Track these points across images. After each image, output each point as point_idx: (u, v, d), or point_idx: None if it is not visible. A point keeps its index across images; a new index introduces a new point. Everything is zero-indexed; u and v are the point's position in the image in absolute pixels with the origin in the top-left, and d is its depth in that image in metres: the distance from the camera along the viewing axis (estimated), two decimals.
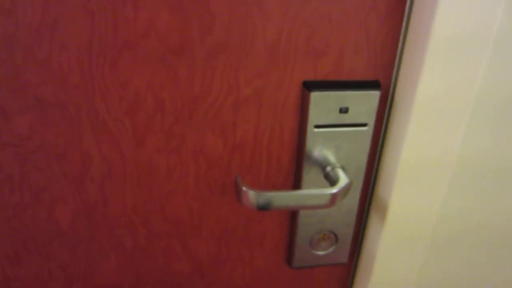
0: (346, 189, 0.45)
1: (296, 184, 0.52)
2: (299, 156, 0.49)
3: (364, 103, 0.46)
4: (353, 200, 0.53)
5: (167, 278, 0.58)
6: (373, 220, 0.56)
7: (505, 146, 0.50)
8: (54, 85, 0.42)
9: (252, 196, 0.42)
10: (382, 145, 0.51)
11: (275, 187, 0.52)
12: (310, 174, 0.50)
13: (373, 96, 0.46)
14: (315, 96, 0.44)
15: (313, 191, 0.43)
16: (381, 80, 0.47)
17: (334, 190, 0.43)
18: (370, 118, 0.47)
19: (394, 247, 0.55)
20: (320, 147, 0.48)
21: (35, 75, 0.41)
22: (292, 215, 0.55)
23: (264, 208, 0.42)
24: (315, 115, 0.45)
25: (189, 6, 0.40)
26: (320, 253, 0.58)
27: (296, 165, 0.51)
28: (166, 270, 0.58)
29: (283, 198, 0.42)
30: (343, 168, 0.48)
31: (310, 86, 0.45)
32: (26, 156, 0.46)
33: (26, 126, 0.44)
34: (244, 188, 0.42)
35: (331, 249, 0.58)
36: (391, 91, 0.48)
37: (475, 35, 0.41)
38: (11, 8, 0.38)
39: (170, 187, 0.50)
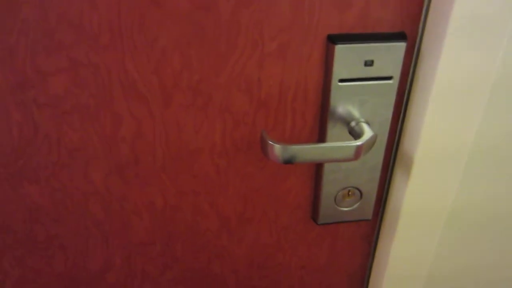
0: (371, 142, 0.46)
1: (321, 140, 0.52)
2: (324, 111, 0.50)
3: (389, 56, 0.46)
4: (377, 156, 0.54)
5: (196, 236, 0.61)
6: (397, 177, 0.56)
7: None
8: (86, 46, 0.43)
9: (277, 149, 0.43)
10: (408, 99, 0.51)
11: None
12: (334, 129, 0.50)
13: (399, 48, 0.45)
14: (340, 49, 0.44)
15: (338, 144, 0.44)
16: (408, 32, 0.47)
17: (359, 142, 0.44)
18: (396, 71, 0.47)
19: (418, 204, 0.56)
20: (345, 102, 0.48)
21: (68, 36, 0.43)
22: (316, 171, 0.56)
23: (289, 161, 0.44)
24: (339, 68, 0.46)
25: None
26: (345, 209, 0.59)
27: (320, 121, 0.51)
28: (195, 228, 0.60)
29: (308, 150, 0.43)
30: (367, 123, 0.49)
31: (335, 39, 0.45)
32: (62, 116, 0.48)
33: (61, 86, 0.46)
34: (270, 142, 0.43)
35: (355, 205, 0.59)
36: (417, 43, 0.47)
37: None
38: None
39: (197, 144, 0.52)
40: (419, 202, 0.56)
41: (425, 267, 0.63)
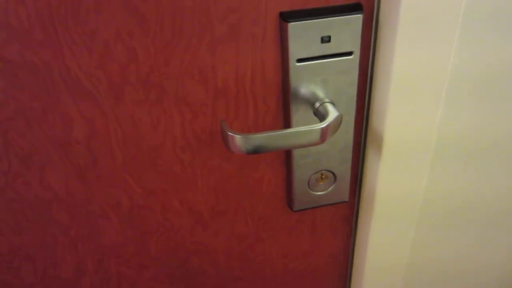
0: (337, 123, 0.43)
1: (287, 125, 0.50)
2: (285, 94, 0.47)
3: (347, 30, 0.43)
4: (347, 135, 0.51)
5: (169, 233, 0.59)
6: (370, 154, 0.54)
7: None
8: (19, 44, 0.40)
9: (239, 140, 0.41)
10: (372, 74, 0.48)
11: (265, 130, 0.51)
12: (299, 113, 0.48)
13: (356, 20, 0.43)
14: (293, 27, 0.42)
15: (301, 128, 0.41)
16: (364, 3, 0.44)
17: (323, 124, 0.42)
18: (355, 46, 0.44)
19: (393, 178, 0.54)
20: (306, 83, 0.46)
21: None
22: (286, 158, 0.54)
23: (253, 151, 0.41)
24: (296, 48, 0.43)
25: None
26: (320, 193, 0.57)
27: (284, 104, 0.49)
28: (167, 225, 0.58)
29: (271, 138, 0.41)
30: (332, 103, 0.47)
31: (287, 16, 0.42)
32: (6, 122, 0.45)
33: (0, 91, 0.43)
34: (229, 133, 0.41)
35: (330, 188, 0.57)
36: (375, 13, 0.45)
37: None
38: None
39: (157, 140, 0.49)
40: (393, 183, 0.54)
41: (405, 247, 0.62)
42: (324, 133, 0.42)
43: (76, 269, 0.60)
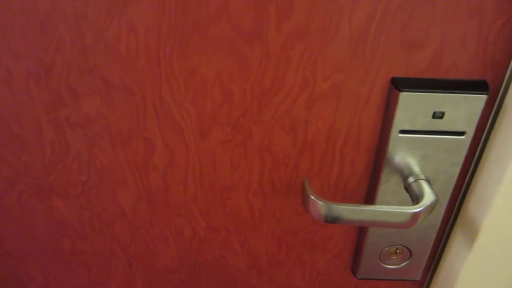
0: (431, 208, 0.39)
1: (371, 193, 0.46)
2: (378, 162, 0.43)
3: (464, 108, 0.38)
4: (435, 216, 0.46)
5: (223, 270, 0.57)
6: (457, 240, 0.48)
7: None
8: (121, 69, 0.40)
9: (321, 207, 0.38)
10: (479, 158, 0.43)
11: (345, 193, 0.47)
12: (388, 183, 0.44)
13: (478, 100, 0.38)
14: (405, 97, 0.38)
15: (391, 208, 0.37)
16: (490, 81, 0.39)
17: (416, 209, 0.37)
18: (470, 127, 0.39)
19: (480, 273, 0.48)
20: (404, 155, 0.41)
21: (104, 57, 0.40)
22: None
23: (332, 221, 0.38)
24: (402, 118, 0.39)
25: None
26: (390, 267, 0.52)
27: (372, 172, 0.45)
28: (223, 262, 0.56)
29: (355, 213, 0.37)
30: (428, 181, 0.42)
31: (400, 84, 0.38)
32: (93, 137, 0.45)
33: (94, 108, 0.43)
34: (312, 197, 0.38)
35: (403, 264, 0.52)
36: (500, 94, 0.40)
37: None
38: None
39: (233, 181, 0.47)
40: (480, 274, 0.47)
41: None
42: (414, 218, 0.38)
43: (126, 283, 0.60)
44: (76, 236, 0.55)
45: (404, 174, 0.43)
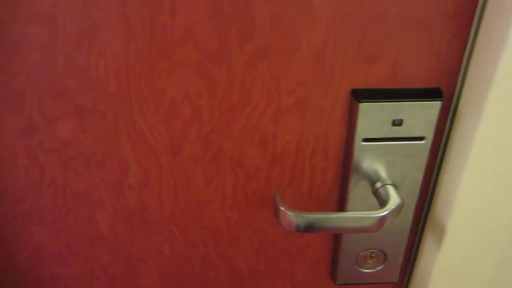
0: (397, 211, 0.40)
1: (342, 200, 0.48)
2: (346, 170, 0.45)
3: (421, 115, 0.41)
4: (405, 218, 0.48)
5: (205, 286, 0.57)
6: (428, 240, 0.50)
7: None
8: (93, 93, 0.41)
9: (291, 217, 0.39)
10: (441, 161, 0.45)
11: (318, 202, 0.49)
12: (357, 190, 0.45)
13: (433, 106, 0.40)
14: (365, 107, 0.40)
15: (358, 214, 0.39)
16: (444, 88, 0.42)
17: (382, 213, 0.39)
18: (429, 132, 0.42)
19: (451, 269, 0.50)
20: (369, 161, 0.43)
21: (75, 82, 0.41)
22: None
23: (304, 230, 0.39)
24: (364, 127, 0.41)
25: (228, 10, 0.37)
26: (367, 271, 0.54)
27: (342, 180, 0.47)
28: (204, 278, 0.56)
29: (325, 220, 0.39)
30: (394, 185, 0.44)
31: (359, 95, 0.40)
32: (68, 161, 0.46)
33: (67, 132, 0.44)
34: (282, 208, 0.39)
35: (379, 268, 0.53)
36: (454, 101, 0.42)
37: None
38: (52, 15, 0.37)
39: (207, 196, 0.48)
40: (450, 273, 0.49)
41: None
42: (381, 221, 0.40)
43: None
44: (55, 261, 0.55)
45: (371, 180, 0.45)
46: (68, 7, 0.37)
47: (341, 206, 0.48)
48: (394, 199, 0.41)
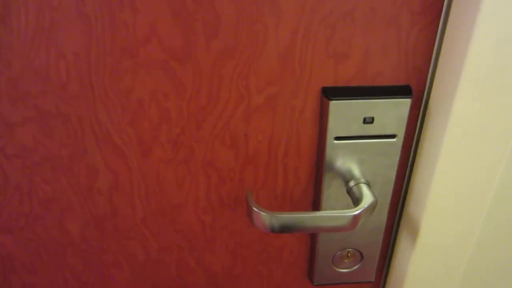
0: (371, 209, 0.40)
1: (316, 200, 0.47)
2: (319, 169, 0.45)
3: (392, 112, 0.40)
4: (379, 217, 0.48)
5: None
6: (402, 238, 0.50)
7: None
8: (54, 95, 0.40)
9: (264, 218, 0.38)
10: (414, 159, 0.45)
11: (292, 202, 0.48)
12: (330, 189, 0.45)
13: (403, 104, 0.40)
14: (335, 105, 0.39)
15: (332, 213, 0.38)
16: (413, 86, 0.42)
17: (356, 211, 0.38)
18: (400, 129, 0.41)
19: (427, 267, 0.50)
20: (342, 160, 0.43)
21: (34, 85, 0.39)
22: None
23: (279, 231, 0.38)
24: (335, 126, 0.40)
25: (192, 7, 0.36)
26: (344, 270, 0.53)
27: (315, 179, 0.46)
28: (180, 282, 0.55)
29: (299, 220, 0.38)
30: (368, 184, 0.43)
31: (329, 93, 0.40)
32: (33, 167, 0.44)
33: (30, 137, 0.42)
34: (255, 209, 0.38)
35: (355, 267, 0.53)
36: (424, 97, 0.42)
37: None
38: (4, 16, 0.35)
39: (180, 199, 0.47)
40: (425, 271, 0.49)
41: None
42: (355, 220, 0.39)
43: None
44: (25, 270, 0.53)
45: (345, 179, 0.44)
46: (23, 7, 0.35)
47: (316, 206, 0.48)
48: (367, 197, 0.40)
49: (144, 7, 0.35)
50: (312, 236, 0.51)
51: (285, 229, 0.39)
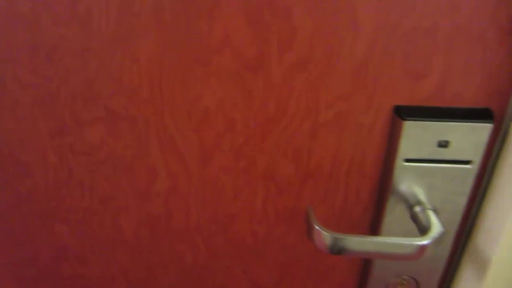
0: (439, 240, 0.38)
1: (376, 221, 0.45)
2: (383, 191, 0.43)
3: (469, 137, 0.38)
4: (443, 247, 0.45)
5: None
6: (466, 272, 0.47)
7: None
8: (125, 98, 0.40)
9: (326, 238, 0.37)
10: (486, 188, 0.42)
11: (350, 221, 0.46)
12: (393, 212, 0.43)
13: (483, 128, 0.37)
14: (409, 126, 0.37)
15: (398, 240, 0.36)
16: (494, 109, 0.39)
17: (424, 241, 0.36)
18: (476, 155, 0.39)
19: None
20: (410, 183, 0.41)
21: (107, 87, 0.40)
22: None
23: (337, 253, 0.37)
24: (407, 147, 0.38)
25: (269, 18, 0.35)
26: None
27: (378, 201, 0.44)
28: None
29: (362, 244, 0.36)
30: (435, 211, 0.41)
31: (403, 112, 0.38)
32: (96, 165, 0.45)
33: (97, 136, 0.43)
34: (317, 228, 0.37)
35: None
36: (505, 123, 0.39)
37: None
38: (87, 20, 0.36)
39: (236, 208, 0.47)
40: None
41: None
42: (422, 250, 0.37)
43: None
44: (77, 261, 0.55)
45: (410, 203, 0.42)
46: (104, 11, 0.36)
47: (375, 228, 0.45)
48: (436, 227, 0.38)
49: (221, 16, 0.35)
50: (367, 258, 0.49)
51: (345, 251, 0.37)
